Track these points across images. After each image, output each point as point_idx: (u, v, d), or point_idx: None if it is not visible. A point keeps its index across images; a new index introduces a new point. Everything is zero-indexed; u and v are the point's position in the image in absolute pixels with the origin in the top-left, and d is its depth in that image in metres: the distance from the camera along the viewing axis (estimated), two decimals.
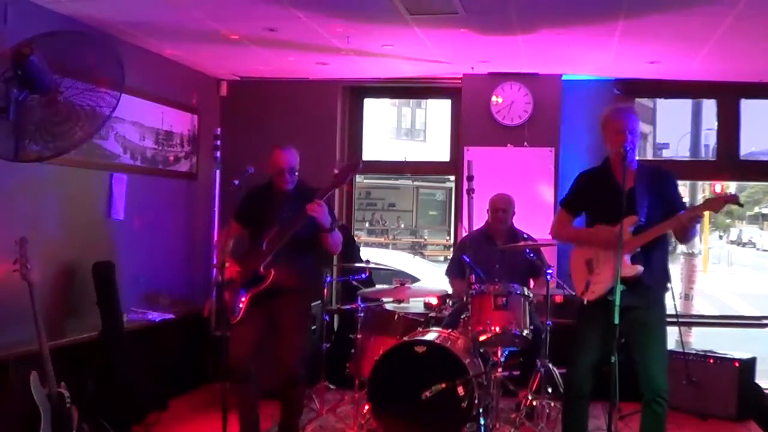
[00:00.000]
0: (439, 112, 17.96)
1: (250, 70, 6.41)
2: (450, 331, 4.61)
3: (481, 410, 4.14)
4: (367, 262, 5.55)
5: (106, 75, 4.07)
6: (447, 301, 5.49)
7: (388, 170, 10.61)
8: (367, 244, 16.28)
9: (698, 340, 8.48)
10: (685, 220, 3.53)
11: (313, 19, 4.67)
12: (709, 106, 12.05)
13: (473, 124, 6.29)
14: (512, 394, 4.87)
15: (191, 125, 6.31)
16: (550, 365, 4.77)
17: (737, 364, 5.32)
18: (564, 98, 6.20)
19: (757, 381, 5.49)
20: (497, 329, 4.35)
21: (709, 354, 5.47)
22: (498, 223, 5.25)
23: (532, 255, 5.06)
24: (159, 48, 5.60)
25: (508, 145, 6.19)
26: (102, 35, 4.86)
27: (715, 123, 6.61)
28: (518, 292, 4.45)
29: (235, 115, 6.71)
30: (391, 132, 23.39)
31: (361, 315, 4.97)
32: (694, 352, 5.56)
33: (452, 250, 8.59)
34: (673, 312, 3.99)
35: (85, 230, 5.02)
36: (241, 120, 6.64)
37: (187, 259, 6.18)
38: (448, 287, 5.56)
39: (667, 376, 3.66)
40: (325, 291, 5.52)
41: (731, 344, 6.20)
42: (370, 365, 4.42)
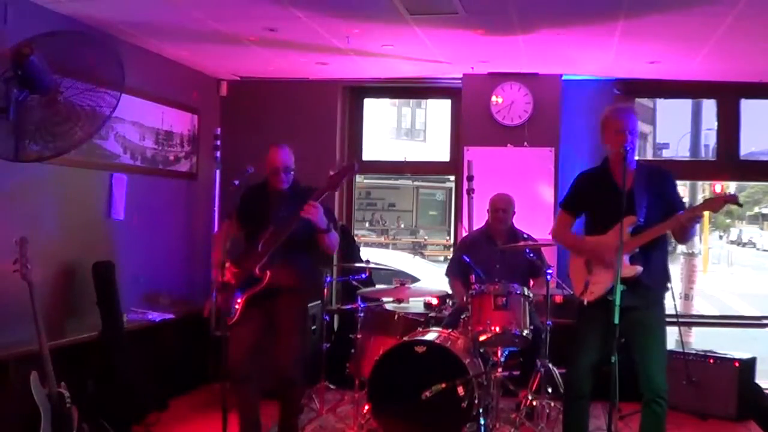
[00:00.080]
0: (439, 112, 17.95)
1: (250, 70, 6.41)
2: (450, 331, 4.61)
3: (481, 410, 4.14)
4: (367, 262, 5.55)
5: (106, 75, 4.08)
6: (447, 301, 5.50)
7: (388, 170, 10.61)
8: (367, 244, 16.27)
9: (698, 340, 8.48)
10: (684, 220, 3.53)
11: (313, 19, 4.67)
12: (709, 106, 12.03)
13: (473, 124, 6.29)
14: (512, 394, 4.86)
15: (191, 125, 6.31)
16: (550, 365, 4.77)
17: (737, 364, 5.32)
18: (564, 98, 6.19)
19: (757, 381, 5.49)
20: (497, 329, 4.35)
21: (709, 354, 5.47)
22: (498, 223, 5.25)
23: (532, 255, 5.06)
24: (159, 48, 5.60)
25: (508, 145, 6.19)
26: (102, 35, 4.86)
27: (715, 123, 6.60)
28: (518, 292, 4.45)
29: (235, 115, 6.71)
30: (391, 132, 23.39)
31: (361, 315, 4.97)
32: (694, 352, 5.56)
33: (452, 250, 8.59)
34: (673, 312, 3.99)
35: (85, 230, 5.02)
36: (241, 120, 6.64)
37: (187, 259, 6.19)
38: (448, 287, 5.56)
39: (666, 376, 3.65)
40: (325, 291, 5.51)
41: (731, 344, 6.20)
42: (370, 365, 4.41)
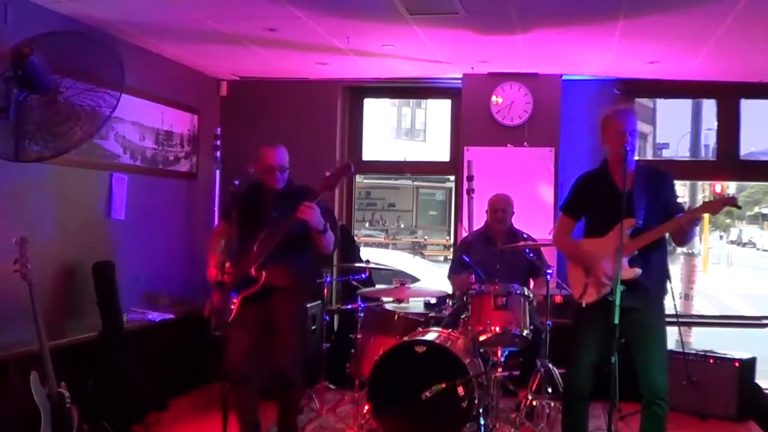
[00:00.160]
0: (439, 112, 17.93)
1: (250, 70, 6.41)
2: (450, 331, 4.61)
3: (481, 410, 4.14)
4: (367, 262, 5.55)
5: (106, 75, 4.08)
6: (447, 300, 5.50)
7: (388, 170, 10.59)
8: (367, 244, 16.26)
9: (698, 340, 8.48)
10: (683, 223, 3.53)
11: (313, 18, 4.67)
12: (709, 106, 12.00)
13: (473, 124, 6.29)
14: (512, 394, 4.87)
15: (191, 125, 6.31)
16: (550, 365, 4.77)
17: (737, 364, 5.32)
18: (564, 98, 6.19)
19: (757, 381, 5.49)
20: (497, 329, 4.35)
21: (709, 354, 5.47)
22: (497, 223, 5.25)
23: (532, 255, 5.06)
24: (159, 48, 5.60)
25: (508, 145, 6.19)
26: (102, 35, 4.86)
27: (715, 123, 6.60)
28: (518, 292, 4.45)
29: (235, 115, 6.71)
30: (391, 132, 23.37)
31: (361, 315, 4.98)
32: (694, 352, 5.56)
33: (452, 250, 8.60)
34: (673, 312, 3.98)
35: (85, 230, 5.02)
36: (241, 120, 6.64)
37: (187, 259, 6.18)
38: (449, 288, 5.56)
39: (667, 377, 3.65)
40: (325, 291, 5.51)
41: (731, 344, 6.19)
42: (370, 365, 4.41)
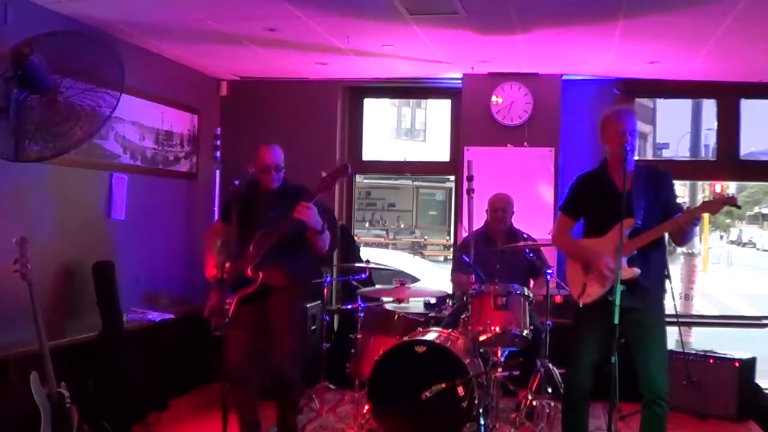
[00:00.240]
0: (439, 112, 17.93)
1: (250, 70, 6.41)
2: (450, 331, 4.61)
3: (481, 410, 4.14)
4: (367, 262, 5.55)
5: (106, 75, 4.08)
6: (447, 300, 5.50)
7: (388, 170, 10.59)
8: (367, 244, 16.26)
9: (698, 340, 8.48)
10: (682, 222, 3.53)
11: (313, 18, 4.67)
12: (709, 106, 12.01)
13: (473, 124, 6.29)
14: (512, 394, 4.87)
15: (191, 125, 6.31)
16: (550, 365, 4.77)
17: (737, 364, 5.32)
18: (564, 98, 6.19)
19: (757, 381, 5.49)
20: (497, 329, 4.35)
21: (709, 354, 5.47)
22: (497, 223, 5.26)
23: (532, 255, 5.06)
24: (159, 48, 5.60)
25: (508, 145, 6.19)
26: (102, 35, 4.86)
27: (715, 123, 6.60)
28: (518, 292, 4.45)
29: (235, 115, 6.71)
30: (391, 132, 23.37)
31: (361, 315, 4.98)
32: (694, 352, 5.56)
33: (452, 250, 8.59)
34: (673, 312, 3.98)
35: (85, 230, 5.02)
36: (241, 120, 6.64)
37: (187, 259, 6.18)
38: (449, 288, 5.57)
39: (667, 377, 3.65)
40: (325, 291, 5.51)
41: (731, 344, 6.19)
42: (370, 365, 4.42)
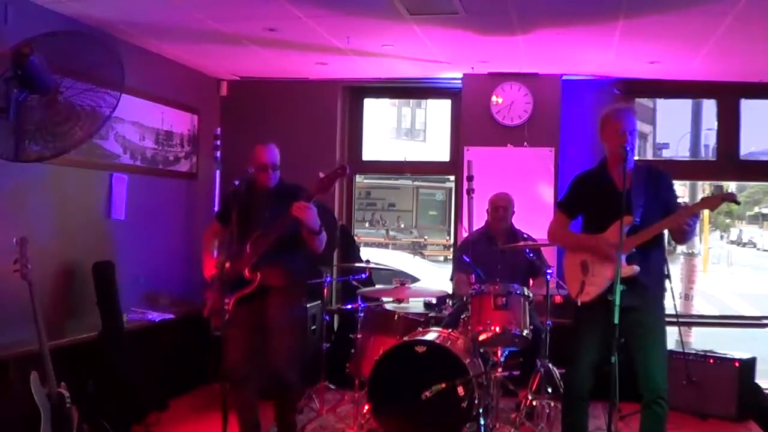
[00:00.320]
0: (439, 112, 17.93)
1: (250, 70, 6.41)
2: (450, 331, 4.60)
3: (481, 410, 4.14)
4: (367, 262, 5.55)
5: (106, 75, 4.08)
6: (447, 300, 5.50)
7: (388, 170, 10.58)
8: (366, 244, 16.26)
9: (698, 340, 8.48)
10: (681, 218, 3.52)
11: (313, 18, 4.67)
12: (709, 106, 12.01)
13: (473, 124, 6.29)
14: (512, 394, 4.87)
15: (191, 125, 6.31)
16: (550, 365, 4.77)
17: (737, 364, 5.32)
18: (564, 98, 6.19)
19: (757, 381, 5.49)
20: (497, 329, 4.34)
21: (709, 354, 5.46)
22: (498, 222, 5.26)
23: (532, 255, 5.06)
24: (159, 48, 5.60)
25: (508, 145, 6.19)
26: (102, 35, 4.86)
27: (715, 123, 6.60)
28: (518, 292, 4.45)
29: (235, 115, 6.71)
30: (391, 132, 23.39)
31: (361, 315, 4.97)
32: (694, 352, 5.56)
33: (452, 250, 8.59)
34: (673, 312, 3.98)
35: (85, 230, 5.02)
36: (241, 120, 6.64)
37: (187, 259, 6.18)
38: (449, 288, 5.56)
39: (666, 376, 3.64)
40: (325, 291, 5.50)
41: (731, 344, 6.19)
42: (370, 365, 4.41)
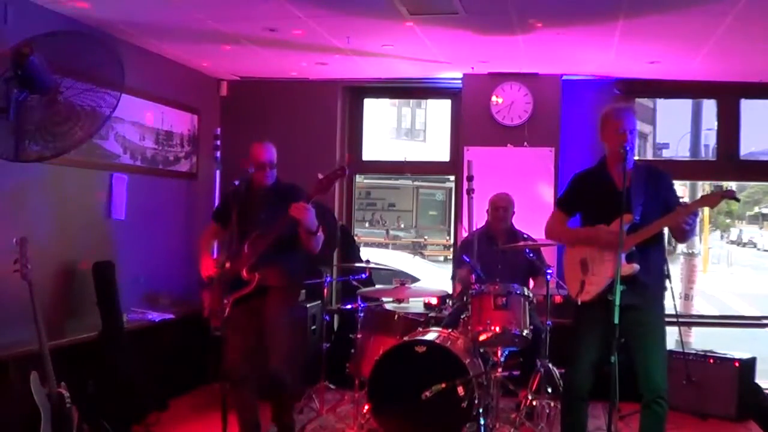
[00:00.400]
0: (439, 112, 17.94)
1: (250, 70, 6.41)
2: (450, 331, 4.61)
3: (481, 410, 4.14)
4: (367, 262, 5.55)
5: (106, 75, 4.08)
6: (447, 300, 5.50)
7: (388, 170, 10.58)
8: (366, 244, 16.27)
9: (698, 340, 8.48)
10: (681, 216, 3.53)
11: (313, 18, 4.67)
12: (709, 106, 12.01)
13: (473, 124, 6.29)
14: (512, 394, 4.87)
15: (191, 125, 6.31)
16: (550, 365, 4.77)
17: (737, 364, 5.32)
18: (564, 98, 6.19)
19: (757, 381, 5.49)
20: (497, 329, 4.34)
21: (709, 354, 5.47)
22: (498, 222, 5.26)
23: (532, 255, 5.06)
24: (159, 48, 5.60)
25: (508, 145, 6.19)
26: (102, 35, 4.86)
27: (715, 123, 6.60)
28: (518, 292, 4.45)
29: (235, 115, 6.71)
30: (391, 132, 23.40)
31: (361, 315, 4.97)
32: (694, 352, 5.56)
33: (452, 250, 8.59)
34: (673, 312, 3.98)
35: (85, 230, 5.02)
36: (241, 120, 6.64)
37: (187, 259, 6.17)
38: (449, 288, 5.56)
39: (666, 376, 3.65)
40: (324, 291, 5.50)
41: (731, 344, 6.19)
42: (370, 365, 4.42)
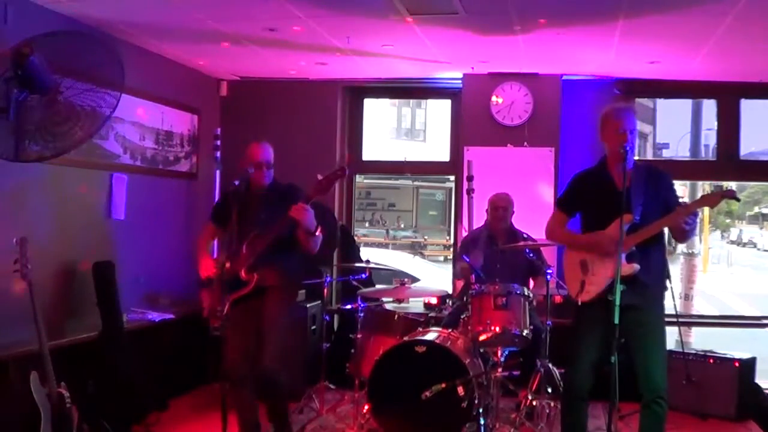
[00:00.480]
0: (439, 112, 17.95)
1: (250, 70, 6.41)
2: (450, 331, 4.61)
3: (481, 410, 4.14)
4: (367, 262, 5.55)
5: (106, 75, 4.08)
6: (447, 300, 5.50)
7: (388, 170, 10.58)
8: (366, 244, 16.27)
9: (698, 340, 8.48)
10: (680, 216, 3.53)
11: (313, 18, 4.67)
12: (709, 106, 12.00)
13: (473, 124, 6.29)
14: (512, 394, 4.87)
15: (191, 125, 6.31)
16: (550, 365, 4.77)
17: (737, 364, 5.32)
18: (564, 98, 6.19)
19: (757, 381, 5.49)
20: (497, 329, 4.35)
21: (709, 354, 5.47)
22: (498, 222, 5.26)
23: (532, 255, 5.06)
24: (159, 48, 5.60)
25: (508, 145, 6.19)
26: (102, 35, 4.86)
27: (715, 123, 6.60)
28: (518, 292, 4.45)
29: (235, 115, 6.71)
30: (391, 132, 23.41)
31: (361, 315, 4.97)
32: (694, 352, 5.56)
33: (452, 250, 8.59)
34: (673, 312, 3.98)
35: (85, 230, 5.02)
36: (241, 120, 6.64)
37: (187, 259, 6.15)
38: (449, 287, 5.56)
39: (666, 376, 3.64)
40: (325, 290, 5.50)
41: (731, 344, 6.19)
42: (370, 365, 4.42)
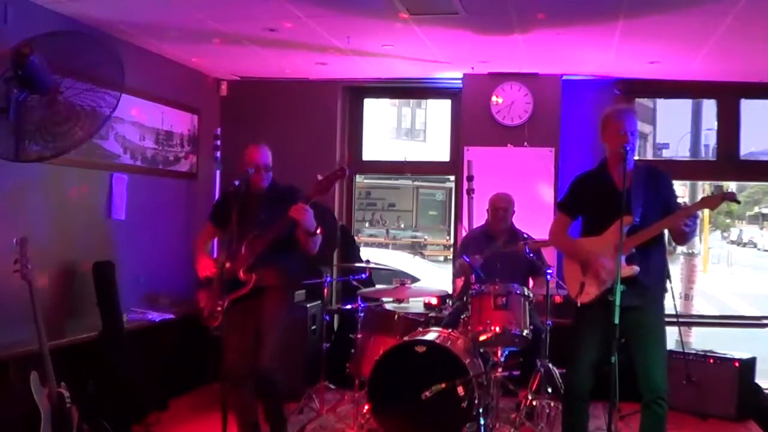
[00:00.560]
0: (439, 112, 17.96)
1: (250, 70, 6.41)
2: (450, 331, 4.61)
3: (481, 410, 4.14)
4: (367, 262, 5.55)
5: (106, 75, 4.08)
6: (447, 300, 5.50)
7: (388, 170, 10.59)
8: (367, 244, 16.28)
9: (698, 340, 8.48)
10: (680, 219, 3.52)
11: (313, 18, 4.67)
12: (709, 106, 12.01)
13: (473, 124, 6.29)
14: (512, 394, 4.87)
15: (191, 125, 6.31)
16: (550, 365, 4.77)
17: (737, 364, 5.32)
18: (564, 98, 6.19)
19: (757, 381, 5.49)
20: (497, 329, 4.35)
21: (709, 354, 5.47)
22: (498, 222, 5.26)
23: (532, 255, 5.06)
24: (159, 48, 5.60)
25: (508, 145, 6.19)
26: (102, 35, 4.86)
27: (715, 123, 6.60)
28: (518, 292, 4.45)
29: (235, 115, 6.71)
30: (391, 132, 23.41)
31: (361, 315, 4.97)
32: (694, 352, 5.56)
33: (452, 250, 8.59)
34: (673, 312, 3.98)
35: (86, 230, 5.02)
36: (241, 120, 6.64)
37: (187, 259, 6.13)
38: (449, 287, 5.56)
39: (666, 376, 3.64)
40: (325, 290, 5.50)
41: (731, 344, 6.19)
42: (370, 365, 4.42)
